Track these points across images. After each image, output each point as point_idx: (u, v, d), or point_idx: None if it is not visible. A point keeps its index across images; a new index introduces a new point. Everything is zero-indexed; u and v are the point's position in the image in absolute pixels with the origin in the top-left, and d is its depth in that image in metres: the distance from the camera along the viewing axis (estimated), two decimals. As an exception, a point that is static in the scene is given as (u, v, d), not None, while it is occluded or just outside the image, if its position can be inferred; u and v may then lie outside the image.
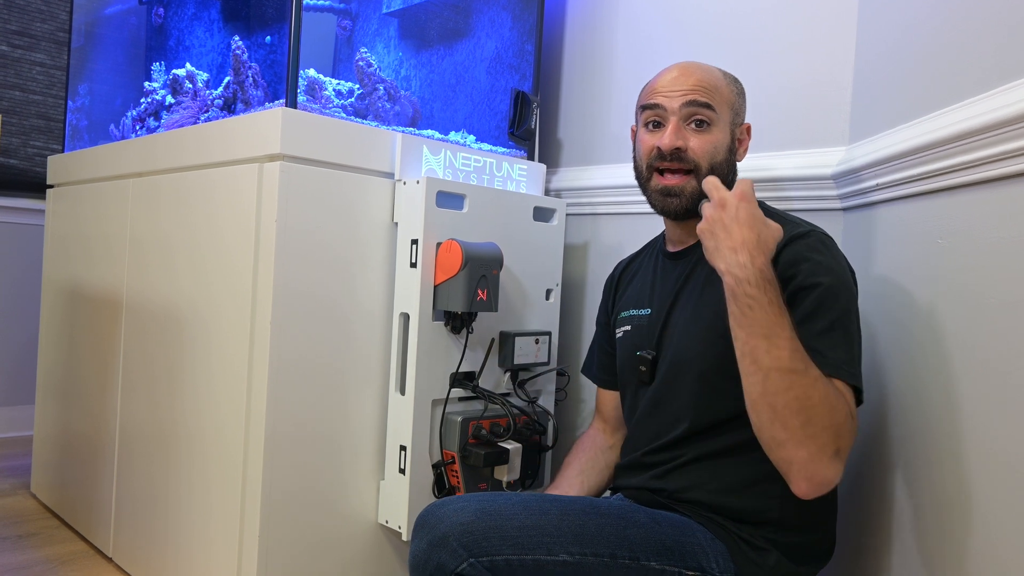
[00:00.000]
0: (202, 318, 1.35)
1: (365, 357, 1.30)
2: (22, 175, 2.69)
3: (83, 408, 1.77)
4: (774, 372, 0.83)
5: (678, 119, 1.04)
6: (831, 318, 0.91)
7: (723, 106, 1.05)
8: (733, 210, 0.89)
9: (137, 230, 1.58)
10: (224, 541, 1.26)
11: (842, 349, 0.90)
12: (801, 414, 0.82)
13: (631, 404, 1.14)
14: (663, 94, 1.05)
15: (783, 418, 0.83)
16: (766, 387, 0.84)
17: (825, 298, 0.91)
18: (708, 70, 1.07)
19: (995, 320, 0.78)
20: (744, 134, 1.10)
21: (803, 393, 0.82)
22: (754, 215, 0.89)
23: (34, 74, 2.71)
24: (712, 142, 1.04)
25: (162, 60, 1.85)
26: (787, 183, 1.30)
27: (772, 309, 0.85)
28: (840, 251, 0.99)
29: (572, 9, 1.75)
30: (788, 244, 0.96)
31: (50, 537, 1.76)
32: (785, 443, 0.84)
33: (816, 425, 0.83)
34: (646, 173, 1.08)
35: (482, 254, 1.27)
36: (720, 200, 0.90)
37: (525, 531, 0.90)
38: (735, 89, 1.08)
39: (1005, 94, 0.78)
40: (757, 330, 0.85)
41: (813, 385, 0.83)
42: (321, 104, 1.40)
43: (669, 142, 1.03)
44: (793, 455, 0.84)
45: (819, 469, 0.83)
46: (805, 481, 0.84)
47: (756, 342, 0.85)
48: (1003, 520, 0.76)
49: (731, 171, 1.07)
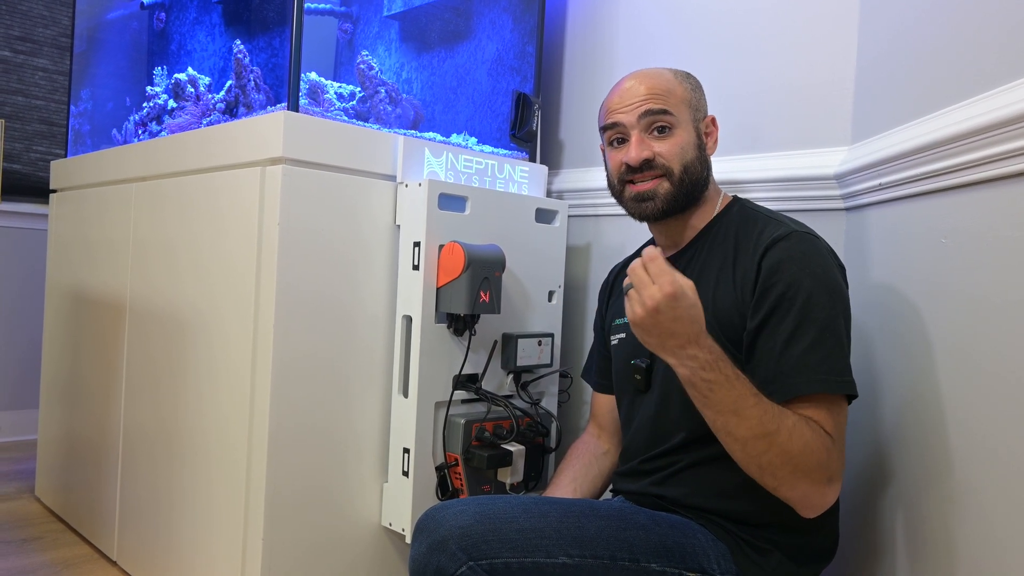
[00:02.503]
0: (205, 322, 1.35)
1: (368, 360, 1.30)
2: (25, 180, 2.70)
3: (87, 412, 1.77)
4: (751, 441, 0.87)
5: (639, 131, 1.05)
6: (817, 327, 0.91)
7: (680, 106, 1.05)
8: (669, 312, 0.85)
9: (140, 234, 1.58)
10: (228, 544, 1.26)
11: (831, 359, 0.90)
12: (786, 466, 0.87)
13: (627, 412, 1.14)
14: (619, 111, 1.06)
15: (771, 471, 0.87)
16: (747, 453, 0.88)
17: (809, 308, 0.91)
18: (657, 75, 1.07)
19: (999, 319, 0.78)
20: (710, 126, 1.10)
21: (783, 450, 0.86)
22: (687, 308, 0.86)
23: (37, 79, 2.72)
24: (678, 144, 1.04)
25: (164, 64, 1.85)
26: (789, 183, 1.30)
27: (731, 385, 0.86)
28: (825, 248, 0.98)
29: (573, 10, 1.75)
30: (769, 248, 0.96)
31: (54, 541, 1.76)
32: (779, 488, 0.89)
33: (802, 470, 0.87)
34: (619, 187, 1.09)
35: (484, 256, 1.27)
36: (653, 307, 0.86)
37: (524, 534, 0.90)
38: (689, 85, 1.08)
39: (1008, 92, 0.78)
40: (724, 408, 0.87)
41: (789, 439, 0.86)
42: (323, 107, 1.41)
43: (636, 155, 1.04)
44: (790, 495, 0.89)
45: (815, 499, 0.89)
46: (807, 510, 0.91)
47: (726, 419, 0.87)
48: (1005, 521, 0.76)
49: (704, 166, 1.07)
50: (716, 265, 1.03)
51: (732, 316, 0.97)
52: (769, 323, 0.93)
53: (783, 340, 0.91)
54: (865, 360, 1.11)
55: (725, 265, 1.01)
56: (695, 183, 1.05)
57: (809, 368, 0.89)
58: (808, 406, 0.89)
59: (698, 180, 1.05)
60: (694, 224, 1.09)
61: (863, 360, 1.12)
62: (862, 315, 1.13)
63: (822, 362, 0.90)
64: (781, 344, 0.91)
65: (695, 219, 1.08)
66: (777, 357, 0.91)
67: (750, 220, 1.04)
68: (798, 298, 0.92)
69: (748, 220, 1.04)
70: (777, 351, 0.92)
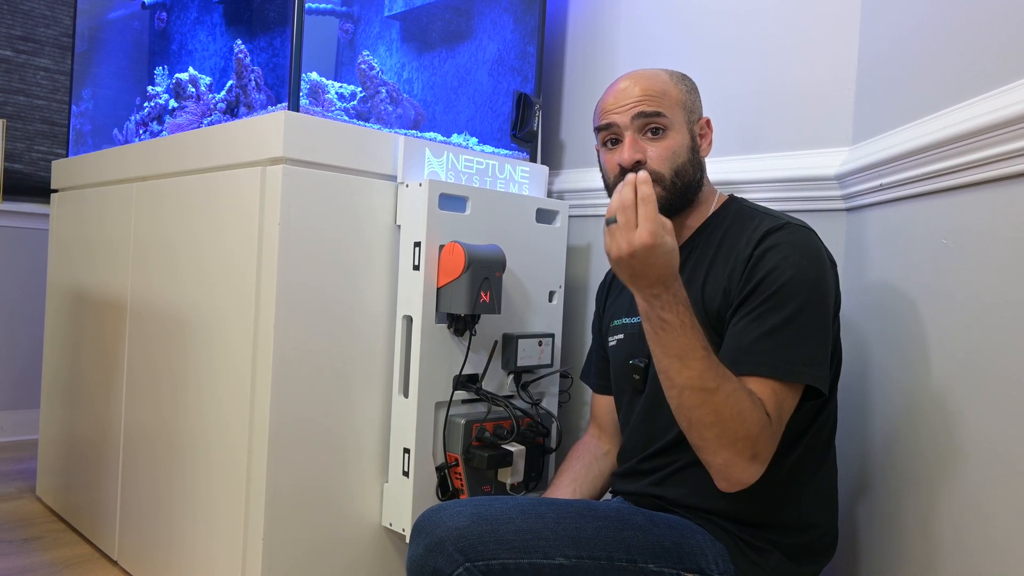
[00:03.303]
0: (206, 321, 1.35)
1: (368, 360, 1.30)
2: (27, 180, 2.71)
3: (88, 412, 1.77)
4: (687, 391, 0.88)
5: (632, 132, 1.05)
6: (783, 316, 0.92)
7: (675, 108, 1.05)
8: (644, 258, 0.87)
9: (141, 234, 1.58)
10: (228, 544, 1.26)
11: (786, 347, 0.91)
12: (715, 427, 0.88)
13: (626, 413, 1.14)
14: (613, 111, 1.06)
15: (698, 430, 0.89)
16: (681, 402, 0.90)
17: (781, 296, 0.92)
18: (652, 76, 1.07)
19: (1000, 319, 0.78)
20: (704, 128, 1.10)
21: (714, 409, 0.87)
22: (662, 255, 0.87)
23: (38, 79, 2.73)
24: (670, 147, 1.04)
25: (165, 64, 1.85)
26: (790, 184, 1.30)
27: (684, 331, 0.88)
28: (818, 242, 0.99)
29: (574, 10, 1.75)
30: (763, 239, 0.97)
31: (55, 541, 1.77)
32: (703, 449, 0.90)
33: (729, 436, 0.88)
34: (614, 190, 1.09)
35: (485, 256, 1.27)
36: (629, 252, 0.87)
37: (521, 535, 0.90)
38: (684, 87, 1.08)
39: (1009, 93, 0.78)
40: (670, 351, 0.89)
41: (725, 402, 0.87)
42: (324, 107, 1.41)
43: (628, 156, 1.04)
44: (711, 460, 0.90)
45: (734, 472, 0.90)
46: (723, 481, 0.91)
47: (669, 362, 0.89)
48: (1006, 521, 0.76)
49: (697, 168, 1.07)
50: (710, 263, 1.03)
51: (720, 305, 0.98)
52: (744, 306, 0.95)
53: (747, 321, 0.94)
54: (865, 359, 1.11)
55: (718, 258, 1.02)
56: (687, 186, 1.05)
57: (762, 351, 0.91)
58: (756, 384, 0.91)
59: (691, 182, 1.06)
60: (690, 224, 1.09)
61: (863, 359, 1.11)
62: (862, 314, 1.13)
63: (776, 348, 0.91)
64: (744, 324, 0.94)
65: (691, 219, 1.09)
66: (738, 335, 0.94)
67: (747, 217, 1.04)
68: (774, 285, 0.93)
69: (745, 217, 1.04)
70: (739, 329, 0.94)
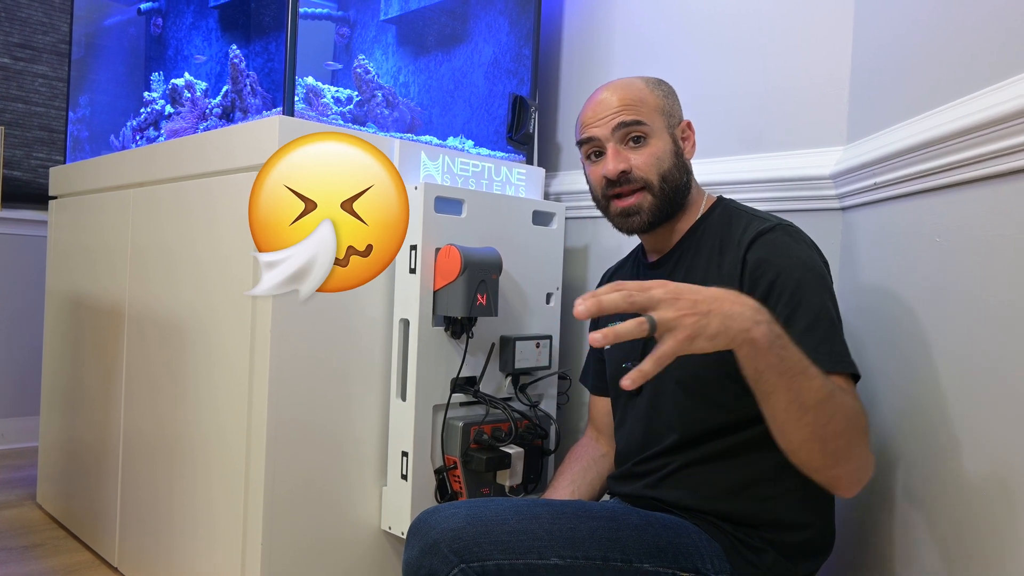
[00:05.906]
0: (203, 326, 1.35)
1: (366, 363, 1.30)
2: (25, 187, 2.71)
3: (87, 418, 1.78)
4: (817, 406, 0.78)
5: (614, 143, 1.05)
6: (812, 312, 0.91)
7: (654, 115, 1.05)
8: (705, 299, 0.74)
9: (138, 240, 1.59)
10: (227, 548, 1.26)
11: (828, 341, 0.90)
12: (853, 429, 0.80)
13: (620, 416, 1.14)
14: (593, 124, 1.06)
15: (834, 438, 0.79)
16: (817, 421, 0.78)
17: (801, 293, 0.92)
18: (628, 85, 1.07)
19: (993, 318, 0.78)
20: (686, 131, 1.10)
21: (844, 408, 0.79)
22: (709, 287, 0.76)
23: (36, 86, 2.73)
24: (654, 154, 1.04)
25: (161, 70, 1.86)
26: (785, 184, 1.30)
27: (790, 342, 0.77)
28: (809, 241, 0.99)
29: (569, 13, 1.75)
30: (755, 241, 0.97)
31: (56, 547, 1.77)
32: (833, 466, 0.81)
33: (862, 426, 0.82)
34: (603, 202, 1.09)
35: (481, 259, 1.27)
36: (674, 288, 0.73)
37: (516, 536, 0.90)
38: (661, 92, 1.08)
39: (1001, 91, 0.78)
40: (796, 368, 0.77)
41: (843, 397, 0.80)
42: (319, 111, 1.41)
43: (613, 167, 1.04)
44: (842, 472, 0.82)
45: (866, 470, 0.84)
46: (855, 486, 0.84)
47: (798, 383, 0.77)
48: (1005, 521, 0.76)
49: (683, 172, 1.07)
50: (702, 266, 1.03)
51: None
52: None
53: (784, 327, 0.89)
54: (858, 357, 1.10)
55: (711, 264, 1.02)
56: (676, 190, 1.05)
57: (809, 350, 0.84)
58: None
59: (679, 187, 1.06)
60: (679, 228, 1.09)
61: (857, 356, 1.11)
62: (857, 314, 1.13)
63: (820, 343, 0.89)
64: None
65: (680, 224, 1.09)
66: None
67: (734, 218, 1.04)
68: (788, 285, 0.92)
69: (732, 218, 1.04)
70: None
